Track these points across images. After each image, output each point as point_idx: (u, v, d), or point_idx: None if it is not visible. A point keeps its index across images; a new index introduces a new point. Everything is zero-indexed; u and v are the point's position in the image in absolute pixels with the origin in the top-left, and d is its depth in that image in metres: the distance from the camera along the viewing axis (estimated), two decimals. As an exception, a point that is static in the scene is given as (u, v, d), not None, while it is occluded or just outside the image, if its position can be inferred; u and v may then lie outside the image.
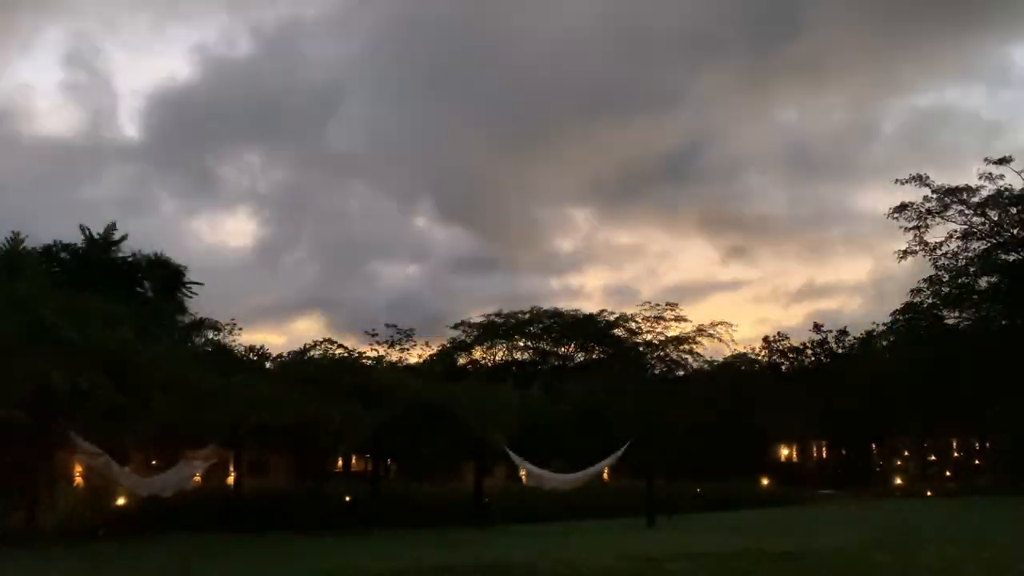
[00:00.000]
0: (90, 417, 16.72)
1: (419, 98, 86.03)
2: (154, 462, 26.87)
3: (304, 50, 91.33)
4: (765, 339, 51.94)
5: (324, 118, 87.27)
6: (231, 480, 20.97)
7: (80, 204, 65.82)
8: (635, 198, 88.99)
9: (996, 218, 40.57)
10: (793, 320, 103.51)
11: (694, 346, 68.20)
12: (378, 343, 39.95)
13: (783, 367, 50.79)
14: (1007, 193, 39.42)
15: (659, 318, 69.26)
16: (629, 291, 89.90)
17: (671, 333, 69.39)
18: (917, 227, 41.68)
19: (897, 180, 41.45)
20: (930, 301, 42.86)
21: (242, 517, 19.64)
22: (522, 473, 22.18)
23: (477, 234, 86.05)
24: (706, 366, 60.72)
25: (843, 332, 50.93)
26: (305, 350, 23.58)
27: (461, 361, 53.29)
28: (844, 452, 50.94)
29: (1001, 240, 40.82)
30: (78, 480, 22.28)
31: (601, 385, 47.56)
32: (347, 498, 23.08)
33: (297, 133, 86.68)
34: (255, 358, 35.86)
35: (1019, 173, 39.39)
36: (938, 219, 41.37)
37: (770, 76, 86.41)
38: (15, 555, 13.90)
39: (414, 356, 45.75)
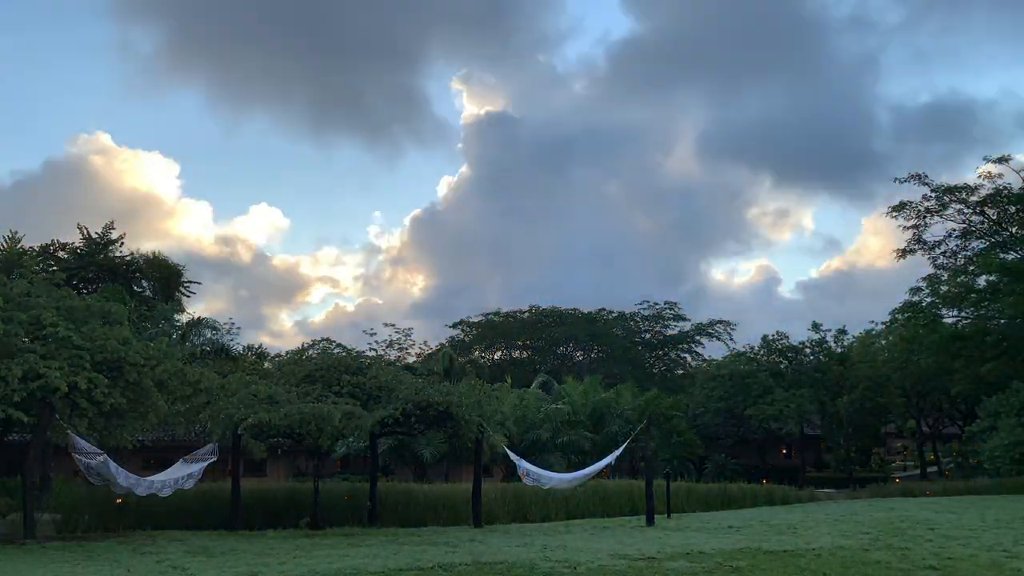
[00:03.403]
0: (88, 416, 16.69)
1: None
2: (152, 461, 26.89)
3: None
4: (764, 338, 51.93)
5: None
6: (229, 480, 20.92)
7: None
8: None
9: (995, 217, 40.64)
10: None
11: (693, 345, 68.55)
12: (377, 342, 40.03)
13: (782, 366, 50.78)
14: (1006, 192, 39.50)
15: (658, 317, 69.52)
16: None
17: (670, 332, 69.70)
18: (916, 226, 41.79)
19: (896, 179, 41.59)
20: (929, 300, 42.91)
21: (241, 517, 19.62)
22: (521, 473, 22.14)
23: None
24: (705, 365, 60.88)
25: (842, 331, 50.99)
26: (303, 349, 23.55)
27: (460, 360, 53.34)
28: (844, 452, 50.96)
29: (1000, 239, 40.88)
30: (76, 479, 22.27)
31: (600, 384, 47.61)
32: (346, 498, 23.06)
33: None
34: (253, 357, 35.84)
35: (1018, 172, 39.48)
36: (937, 218, 41.47)
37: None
38: (13, 554, 13.88)
39: (412, 355, 45.89)
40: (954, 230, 41.49)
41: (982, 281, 41.73)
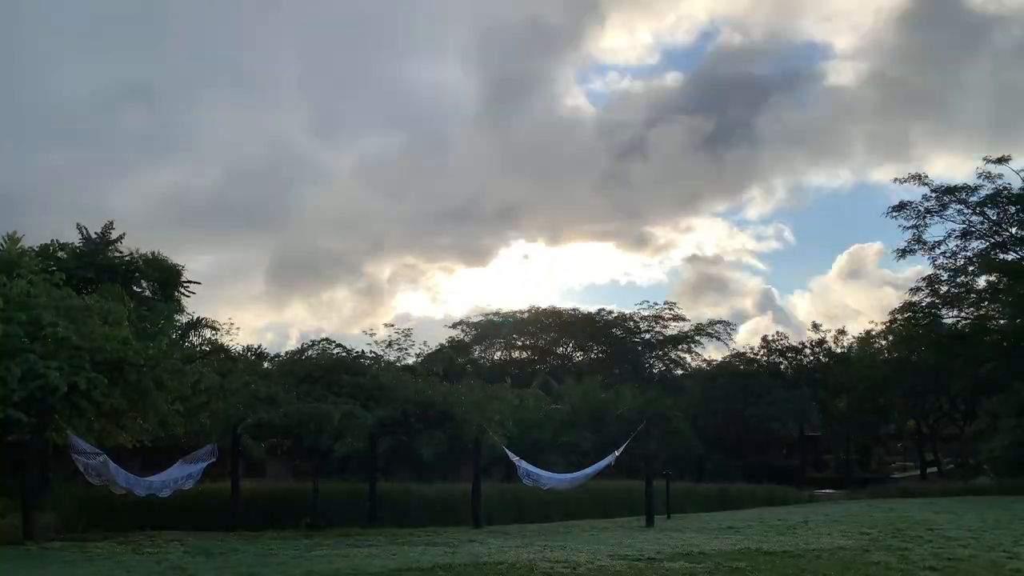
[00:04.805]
0: (88, 417, 16.67)
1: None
2: (153, 462, 26.85)
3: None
4: (764, 338, 52.01)
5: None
6: (229, 480, 20.93)
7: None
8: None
9: (995, 217, 40.68)
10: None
11: (693, 345, 68.48)
12: (376, 342, 39.96)
13: (782, 366, 50.79)
14: (1006, 192, 39.54)
15: (658, 317, 69.46)
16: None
17: (669, 332, 69.63)
18: (916, 226, 41.84)
19: (896, 179, 41.72)
20: (928, 300, 42.94)
21: (240, 517, 19.60)
22: (521, 473, 22.14)
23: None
24: (705, 365, 60.87)
25: (841, 331, 51.06)
26: (303, 349, 23.55)
27: (460, 361, 53.25)
28: (844, 452, 50.94)
29: (1000, 239, 40.93)
30: (76, 479, 22.26)
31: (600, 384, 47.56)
32: (346, 498, 23.05)
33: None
34: (253, 357, 35.82)
35: (1018, 172, 39.51)
36: (937, 218, 41.54)
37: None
38: (12, 554, 13.86)
39: (412, 356, 45.84)
40: (954, 230, 41.56)
41: (982, 281, 41.80)
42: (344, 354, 22.57)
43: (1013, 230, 40.66)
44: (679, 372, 67.29)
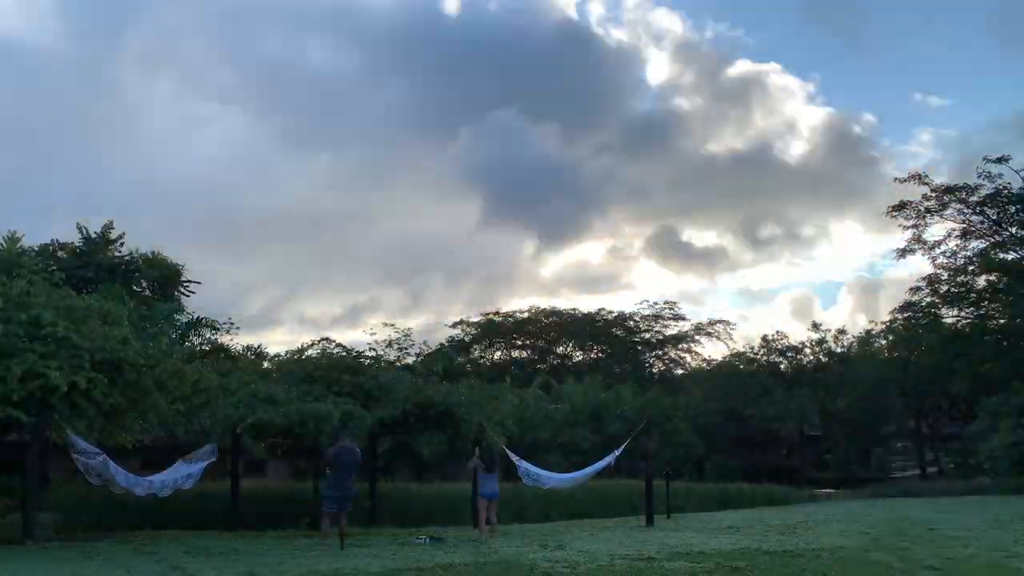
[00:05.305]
0: (88, 416, 16.66)
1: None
2: (152, 462, 26.84)
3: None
4: (764, 338, 52.02)
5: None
6: (229, 480, 20.92)
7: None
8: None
9: (995, 217, 40.70)
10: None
11: (693, 345, 68.47)
12: (376, 342, 39.95)
13: (782, 366, 50.78)
14: (1006, 192, 39.57)
15: (657, 317, 69.46)
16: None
17: (669, 332, 69.61)
18: (916, 226, 41.84)
19: (896, 179, 41.73)
20: (928, 300, 42.96)
21: (240, 517, 19.60)
22: (521, 473, 22.14)
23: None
24: (705, 365, 60.86)
25: (842, 331, 51.09)
26: (303, 348, 23.53)
27: (460, 360, 53.26)
28: (844, 452, 50.92)
29: (1000, 239, 40.96)
30: (76, 479, 22.25)
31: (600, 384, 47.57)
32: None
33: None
34: (253, 357, 35.78)
35: (1018, 172, 39.52)
36: (937, 217, 41.55)
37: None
38: (12, 554, 13.86)
39: (412, 356, 45.80)
40: (954, 230, 41.54)
41: (982, 281, 41.79)
42: (344, 353, 22.56)
43: (1013, 229, 40.67)
44: (679, 372, 67.32)
